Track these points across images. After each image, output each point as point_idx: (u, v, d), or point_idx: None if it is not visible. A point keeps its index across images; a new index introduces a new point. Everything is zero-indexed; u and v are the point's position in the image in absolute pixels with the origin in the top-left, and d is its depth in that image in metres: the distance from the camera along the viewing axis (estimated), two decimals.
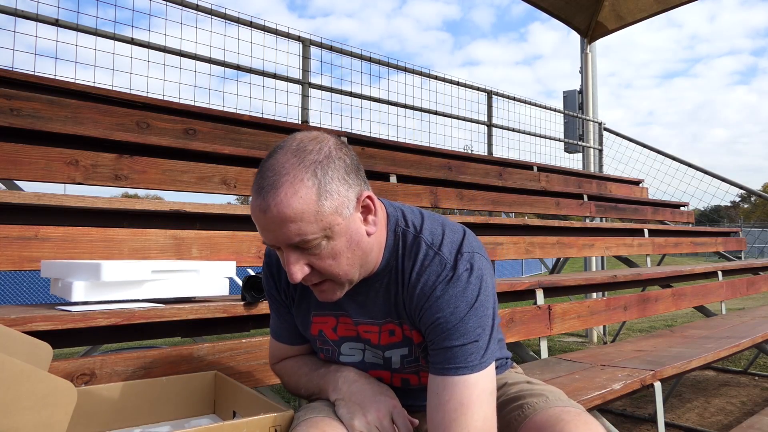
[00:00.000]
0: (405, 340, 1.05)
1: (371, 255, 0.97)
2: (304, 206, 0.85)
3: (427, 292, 0.97)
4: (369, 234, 0.95)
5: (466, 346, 0.95)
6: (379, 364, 1.09)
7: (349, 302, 1.05)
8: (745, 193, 7.66)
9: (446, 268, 0.98)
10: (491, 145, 5.59)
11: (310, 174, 0.86)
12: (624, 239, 4.30)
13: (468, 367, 0.94)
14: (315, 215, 0.86)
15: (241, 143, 3.30)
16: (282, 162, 0.87)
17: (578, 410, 1.03)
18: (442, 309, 0.96)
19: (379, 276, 1.02)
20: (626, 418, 3.17)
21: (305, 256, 0.91)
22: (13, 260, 1.62)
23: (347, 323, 1.08)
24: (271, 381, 1.54)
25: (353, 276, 0.96)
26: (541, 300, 2.37)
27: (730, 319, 3.38)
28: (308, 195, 0.86)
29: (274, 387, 1.64)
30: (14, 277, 8.94)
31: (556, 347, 5.30)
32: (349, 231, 0.91)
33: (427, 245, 1.00)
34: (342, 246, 0.91)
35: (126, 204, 1.97)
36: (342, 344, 1.10)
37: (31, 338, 1.08)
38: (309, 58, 4.08)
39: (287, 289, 1.12)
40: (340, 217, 0.89)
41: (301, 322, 1.13)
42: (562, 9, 6.58)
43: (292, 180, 0.85)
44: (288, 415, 1.04)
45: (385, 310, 1.04)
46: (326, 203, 0.87)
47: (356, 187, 0.92)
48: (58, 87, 2.80)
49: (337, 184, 0.88)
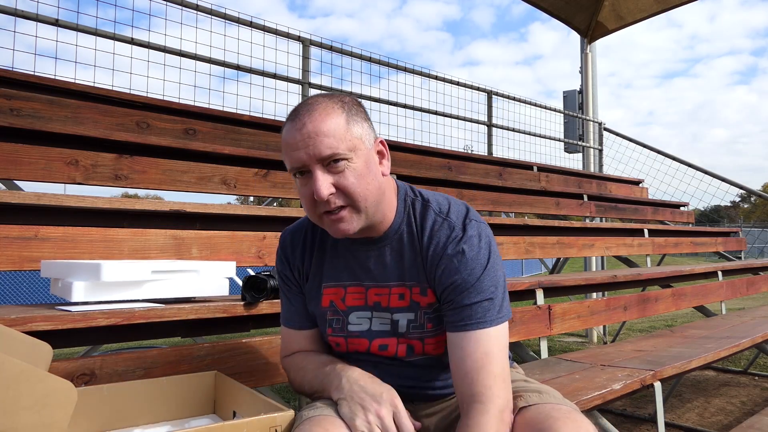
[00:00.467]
0: (412, 304, 1.11)
1: (384, 199, 1.08)
2: (335, 125, 1.00)
3: (439, 252, 1.07)
4: (383, 174, 1.07)
5: (483, 303, 1.04)
6: (385, 331, 1.13)
7: (360, 268, 1.13)
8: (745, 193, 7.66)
9: (455, 230, 1.08)
10: (491, 145, 5.59)
11: (340, 106, 1.03)
12: (624, 239, 4.30)
13: (487, 322, 1.04)
14: (344, 134, 1.00)
15: (241, 143, 3.30)
16: (316, 97, 1.04)
17: (570, 408, 1.03)
18: (460, 271, 1.05)
19: (389, 238, 1.11)
20: (626, 418, 3.17)
21: (332, 175, 1.00)
22: (13, 260, 1.62)
23: (356, 292, 1.14)
24: (271, 381, 1.54)
25: (370, 204, 1.04)
26: (541, 300, 2.37)
27: (730, 319, 3.38)
28: (339, 118, 1.01)
29: (274, 387, 1.64)
30: (14, 277, 8.94)
31: (556, 347, 5.30)
32: (369, 159, 1.04)
33: (435, 213, 1.10)
34: (364, 169, 1.02)
35: (126, 204, 1.97)
36: (350, 314, 1.15)
37: (31, 338, 1.08)
38: (309, 58, 4.08)
39: (301, 266, 1.19)
40: (363, 143, 1.03)
41: (314, 297, 1.18)
42: (562, 9, 6.58)
43: (325, 107, 1.01)
44: (288, 415, 1.04)
45: (396, 273, 1.11)
46: (353, 128, 1.02)
47: (374, 132, 1.08)
48: (58, 87, 2.80)
49: (360, 119, 1.04)
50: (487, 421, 0.97)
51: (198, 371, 1.34)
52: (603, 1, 6.58)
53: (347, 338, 1.16)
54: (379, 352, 1.14)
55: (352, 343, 1.16)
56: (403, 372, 1.15)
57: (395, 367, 1.15)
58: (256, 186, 2.79)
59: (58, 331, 1.27)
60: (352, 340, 1.16)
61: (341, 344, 1.17)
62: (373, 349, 1.15)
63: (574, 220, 5.05)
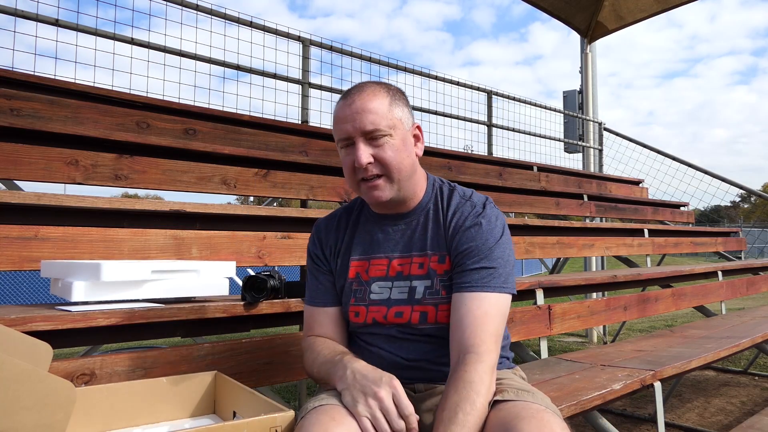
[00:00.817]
0: (430, 272, 1.22)
1: (415, 177, 1.25)
2: (379, 105, 1.17)
3: (460, 223, 1.22)
4: (417, 155, 1.25)
5: (489, 270, 1.16)
6: (402, 299, 1.23)
7: (387, 241, 1.27)
8: (745, 193, 7.66)
9: (476, 208, 1.24)
10: (491, 145, 5.59)
11: (386, 90, 1.21)
12: (624, 239, 4.30)
13: (491, 287, 1.15)
14: (386, 113, 1.17)
15: (241, 143, 3.30)
16: (365, 82, 1.23)
17: (540, 407, 1.03)
18: (475, 239, 1.19)
19: (416, 214, 1.27)
20: (626, 418, 3.17)
21: (372, 147, 1.17)
22: (13, 260, 1.62)
23: (379, 264, 1.26)
24: (271, 381, 1.54)
25: (403, 179, 1.20)
26: (541, 300, 2.37)
27: (730, 319, 3.38)
28: (383, 100, 1.18)
29: (274, 387, 1.64)
30: (14, 277, 8.94)
31: (556, 347, 5.30)
32: (406, 139, 1.21)
33: (459, 196, 1.28)
34: (400, 145, 1.19)
35: (126, 204, 1.97)
36: (372, 284, 1.26)
37: (31, 338, 1.08)
38: (309, 58, 4.08)
39: (334, 245, 1.32)
40: (402, 124, 1.20)
41: (342, 271, 1.29)
42: (562, 9, 6.58)
43: (373, 89, 1.19)
44: (288, 415, 1.04)
45: (419, 244, 1.24)
46: (395, 109, 1.19)
47: (412, 117, 1.25)
48: (58, 87, 2.80)
49: (402, 104, 1.22)
50: (484, 370, 1.07)
51: (198, 371, 1.34)
52: (603, 1, 6.57)
53: (368, 306, 1.25)
54: (395, 319, 1.23)
55: (372, 311, 1.25)
56: (412, 346, 1.23)
57: (406, 341, 1.23)
58: (256, 186, 2.79)
59: (58, 331, 1.27)
60: (372, 308, 1.25)
61: (361, 313, 1.26)
62: (389, 317, 1.23)
63: (574, 220, 5.05)
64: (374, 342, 1.25)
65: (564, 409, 1.51)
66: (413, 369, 1.22)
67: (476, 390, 1.04)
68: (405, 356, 1.22)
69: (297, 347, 1.60)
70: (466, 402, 1.03)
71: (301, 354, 1.33)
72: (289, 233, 2.26)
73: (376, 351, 1.25)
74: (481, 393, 1.04)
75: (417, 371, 1.22)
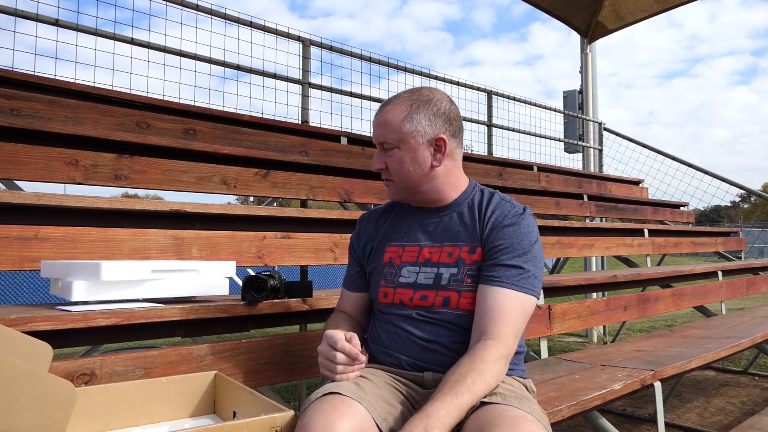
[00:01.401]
0: (458, 261, 1.28)
1: (433, 183, 1.30)
2: (392, 119, 1.27)
3: (500, 220, 1.27)
4: (433, 166, 1.29)
5: (520, 269, 1.22)
6: (428, 284, 1.29)
7: (422, 231, 1.35)
8: (745, 193, 7.66)
9: (516, 208, 1.30)
10: (491, 145, 5.59)
11: (408, 104, 1.27)
12: (624, 239, 4.30)
13: (519, 286, 1.21)
14: (397, 127, 1.26)
15: (241, 143, 3.30)
16: (402, 93, 1.32)
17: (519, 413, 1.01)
18: (512, 237, 1.25)
19: (453, 208, 1.34)
20: (626, 418, 3.17)
21: (385, 154, 1.30)
22: (13, 260, 1.62)
23: (411, 251, 1.34)
24: (271, 381, 1.54)
25: (410, 186, 1.30)
26: (541, 300, 2.37)
27: (730, 319, 3.38)
28: (398, 115, 1.27)
29: (274, 387, 1.64)
30: (14, 277, 8.93)
31: (556, 347, 5.30)
32: (416, 153, 1.27)
33: (500, 198, 1.34)
34: (407, 159, 1.27)
35: (126, 204, 1.97)
36: (403, 268, 1.33)
37: (31, 338, 1.08)
38: (309, 58, 4.08)
39: (373, 233, 1.42)
40: (412, 139, 1.26)
41: (378, 254, 1.39)
42: (562, 9, 6.58)
43: (397, 101, 1.29)
44: (288, 415, 1.04)
45: (452, 236, 1.31)
46: (407, 125, 1.26)
47: (437, 129, 1.28)
48: (58, 87, 2.80)
49: (422, 117, 1.26)
50: (500, 354, 1.14)
51: (198, 371, 1.34)
52: (603, 1, 6.57)
53: (396, 288, 1.32)
54: (420, 302, 1.29)
55: (399, 293, 1.31)
56: (429, 327, 1.27)
57: (424, 323, 1.27)
58: (256, 186, 2.79)
59: (58, 331, 1.27)
60: (400, 290, 1.31)
61: (389, 294, 1.33)
62: (415, 300, 1.29)
63: (574, 220, 5.04)
64: (394, 321, 1.31)
65: (564, 409, 1.51)
66: (428, 351, 1.25)
67: (487, 367, 1.10)
68: (421, 336, 1.26)
69: (297, 347, 1.60)
70: (475, 372, 1.08)
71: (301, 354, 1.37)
72: (289, 233, 2.27)
73: (394, 330, 1.30)
74: (491, 373, 1.10)
75: (430, 353, 1.25)
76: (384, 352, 1.30)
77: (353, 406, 1.04)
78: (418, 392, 1.23)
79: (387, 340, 1.31)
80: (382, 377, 1.22)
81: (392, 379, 1.24)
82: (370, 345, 1.36)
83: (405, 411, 1.15)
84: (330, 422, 0.98)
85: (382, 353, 1.31)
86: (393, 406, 1.14)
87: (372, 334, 1.37)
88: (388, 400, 1.14)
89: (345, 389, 1.08)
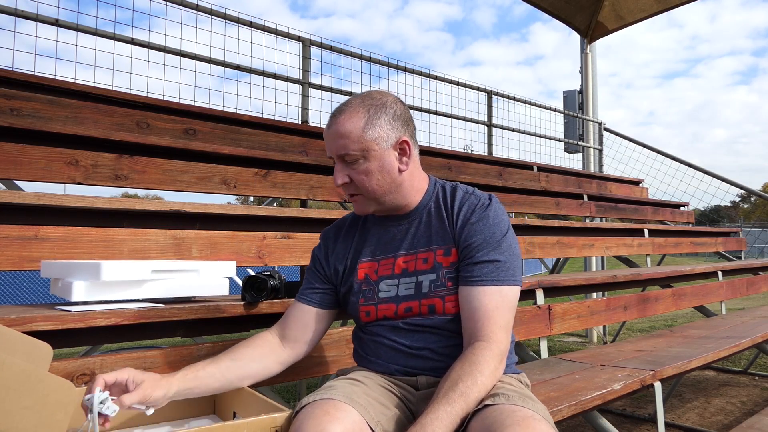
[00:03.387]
0: (435, 266, 1.24)
1: (401, 189, 1.25)
2: (351, 129, 1.18)
3: (468, 216, 1.24)
4: (400, 171, 1.23)
5: (497, 263, 1.19)
6: (410, 295, 1.25)
7: (392, 241, 1.30)
8: (745, 193, 7.66)
9: (481, 200, 1.26)
10: (491, 145, 5.59)
11: (365, 110, 1.20)
12: (624, 239, 4.30)
13: (500, 280, 1.19)
14: (359, 137, 1.18)
15: (241, 143, 3.30)
16: (351, 100, 1.23)
17: (528, 413, 1.00)
18: (483, 232, 1.22)
19: (417, 213, 1.29)
20: (626, 418, 3.17)
21: (347, 168, 1.21)
22: (13, 260, 1.62)
23: (387, 263, 1.29)
24: (271, 381, 1.54)
25: (381, 197, 1.24)
26: (541, 300, 2.37)
27: (730, 319, 3.38)
28: (357, 122, 1.18)
29: (274, 387, 1.64)
30: (14, 277, 8.94)
31: (556, 347, 5.30)
32: (383, 159, 1.20)
33: (463, 191, 1.30)
34: (374, 168, 1.20)
35: (126, 204, 1.97)
36: (380, 283, 1.28)
37: (31, 338, 1.08)
38: (309, 58, 4.08)
39: (343, 252, 1.35)
40: (377, 146, 1.19)
41: (349, 272, 1.33)
42: (562, 9, 6.58)
43: (350, 111, 1.20)
44: (288, 415, 1.04)
45: (423, 240, 1.27)
46: (369, 132, 1.18)
47: (398, 132, 1.22)
48: (58, 87, 2.80)
49: (382, 122, 1.20)
50: (491, 357, 1.11)
51: None
52: (603, 1, 6.57)
53: (377, 305, 1.28)
54: (405, 314, 1.25)
55: (381, 309, 1.27)
56: (416, 335, 1.24)
57: (411, 332, 1.24)
58: (256, 186, 2.79)
59: (58, 331, 1.27)
60: (382, 306, 1.27)
61: (371, 312, 1.28)
62: (399, 312, 1.26)
63: (574, 220, 5.04)
64: (381, 332, 1.28)
65: (564, 409, 1.51)
66: (417, 357, 1.23)
67: (480, 369, 1.08)
68: (409, 344, 1.24)
69: None
70: (468, 377, 1.07)
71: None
72: (289, 233, 2.26)
73: (380, 340, 1.27)
74: (484, 373, 1.08)
75: (420, 360, 1.23)
76: (373, 362, 1.28)
77: (345, 411, 1.03)
78: (413, 393, 1.22)
79: (374, 350, 1.28)
80: (375, 379, 1.22)
81: (385, 381, 1.23)
82: (359, 354, 1.34)
83: (399, 413, 1.14)
84: (322, 428, 0.97)
85: (371, 362, 1.29)
86: (387, 408, 1.13)
87: (358, 344, 1.35)
88: (382, 401, 1.14)
89: (337, 393, 1.07)
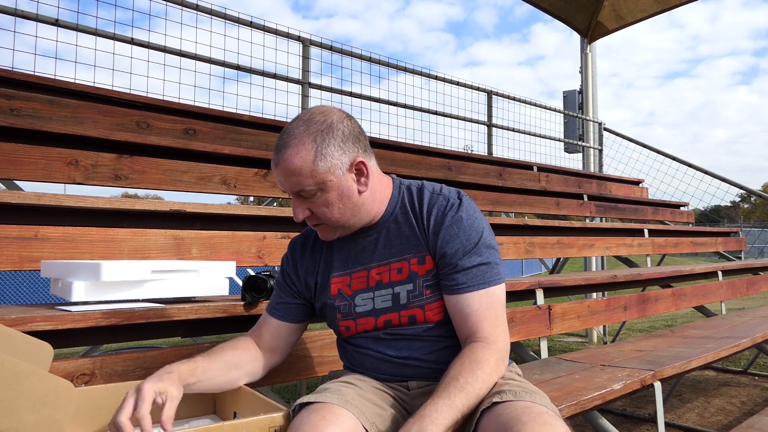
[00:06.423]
0: (411, 275, 1.20)
1: (364, 208, 1.18)
2: (302, 164, 1.09)
3: (439, 220, 1.18)
4: (360, 192, 1.16)
5: (483, 266, 1.16)
6: (388, 307, 1.22)
7: (362, 253, 1.24)
8: (745, 193, 7.66)
9: (450, 200, 1.20)
10: (491, 145, 5.59)
11: (311, 140, 1.10)
12: (624, 239, 4.30)
13: (485, 283, 1.16)
14: (310, 172, 1.09)
15: (241, 143, 3.30)
16: (293, 128, 1.12)
17: (543, 410, 0.99)
18: (459, 236, 1.17)
19: (384, 223, 1.22)
20: (626, 418, 3.17)
21: (306, 202, 1.14)
22: (13, 260, 1.62)
23: (360, 276, 1.24)
24: (271, 381, 1.54)
25: (345, 223, 1.17)
26: (541, 300, 2.37)
27: (730, 319, 3.38)
28: (306, 156, 1.09)
29: (274, 387, 1.64)
30: (14, 277, 8.94)
31: (556, 347, 5.30)
32: (341, 187, 1.13)
33: (430, 192, 1.23)
34: (334, 198, 1.13)
35: (126, 204, 1.97)
36: (355, 297, 1.24)
37: (32, 338, 1.08)
38: (309, 58, 4.08)
39: (313, 266, 1.29)
40: (332, 175, 1.11)
41: (321, 288, 1.28)
42: (563, 9, 6.58)
43: (296, 143, 1.09)
44: (288, 415, 1.04)
45: (395, 250, 1.22)
46: (321, 164, 1.09)
47: (351, 153, 1.13)
48: (58, 87, 2.80)
49: (332, 149, 1.10)
50: (490, 355, 1.10)
51: None
52: (603, 1, 6.57)
53: (356, 320, 1.24)
54: (385, 326, 1.22)
55: (360, 324, 1.24)
56: (401, 344, 1.22)
57: (395, 341, 1.22)
58: (256, 186, 2.79)
59: (58, 331, 1.27)
60: (360, 320, 1.24)
61: (351, 327, 1.25)
62: (379, 325, 1.22)
63: (574, 220, 5.04)
64: (364, 344, 1.25)
65: (564, 409, 1.51)
66: (404, 366, 1.22)
67: (480, 367, 1.07)
68: (394, 354, 1.21)
69: (296, 347, 1.59)
70: (468, 372, 1.06)
71: (301, 353, 1.35)
72: (289, 233, 2.26)
73: (365, 351, 1.25)
74: (485, 370, 1.07)
75: (408, 368, 1.22)
76: (362, 372, 1.27)
77: (341, 414, 1.02)
78: (406, 393, 1.22)
79: (361, 361, 1.26)
80: (368, 382, 1.21)
81: (378, 383, 1.23)
82: (346, 364, 1.33)
83: (395, 412, 1.14)
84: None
85: (360, 372, 1.27)
86: (381, 408, 1.13)
87: (344, 356, 1.33)
88: (376, 402, 1.14)
89: (332, 397, 1.07)
